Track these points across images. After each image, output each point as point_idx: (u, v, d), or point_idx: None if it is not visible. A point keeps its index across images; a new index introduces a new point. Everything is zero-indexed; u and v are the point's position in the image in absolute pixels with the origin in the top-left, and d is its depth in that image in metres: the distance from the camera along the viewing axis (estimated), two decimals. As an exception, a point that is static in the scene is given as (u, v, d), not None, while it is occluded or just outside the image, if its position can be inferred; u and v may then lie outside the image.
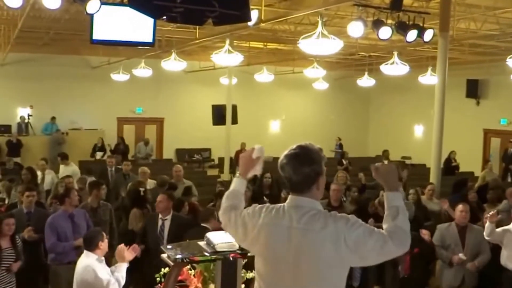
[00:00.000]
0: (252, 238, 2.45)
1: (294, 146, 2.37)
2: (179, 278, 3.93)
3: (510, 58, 9.10)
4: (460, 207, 5.73)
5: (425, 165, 16.97)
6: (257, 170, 2.67)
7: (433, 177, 8.44)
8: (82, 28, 10.38)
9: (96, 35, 6.29)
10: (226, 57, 9.76)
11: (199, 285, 3.82)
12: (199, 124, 18.50)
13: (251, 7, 6.73)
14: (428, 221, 6.99)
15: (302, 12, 7.21)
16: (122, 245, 4.43)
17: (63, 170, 9.15)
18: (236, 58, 10.10)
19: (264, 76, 16.94)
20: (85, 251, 4.49)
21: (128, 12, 5.54)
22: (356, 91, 19.94)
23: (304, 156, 2.33)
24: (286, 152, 2.37)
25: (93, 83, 17.85)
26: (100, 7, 5.66)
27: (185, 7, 4.27)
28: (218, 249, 3.68)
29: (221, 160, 17.18)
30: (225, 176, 15.31)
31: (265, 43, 14.67)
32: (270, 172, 8.70)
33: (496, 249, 5.58)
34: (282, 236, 2.32)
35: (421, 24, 7.65)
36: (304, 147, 2.35)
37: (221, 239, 3.77)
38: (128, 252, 4.34)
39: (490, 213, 5.22)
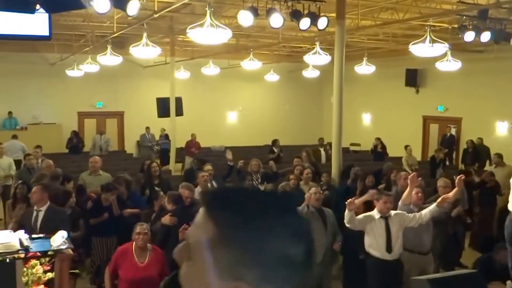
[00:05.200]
0: None
1: None
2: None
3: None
4: (313, 190, 5.35)
5: (369, 151, 16.55)
6: None
7: (335, 160, 7.99)
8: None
9: (-16, 28, 5.73)
10: (143, 50, 9.18)
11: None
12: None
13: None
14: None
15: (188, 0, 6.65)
16: None
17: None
18: (154, 51, 9.51)
19: (210, 69, 16.33)
20: None
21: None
22: (308, 82, 19.38)
23: None
24: None
25: (52, 79, 17.12)
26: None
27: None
28: (-9, 251, 3.19)
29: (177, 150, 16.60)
30: (170, 166, 14.75)
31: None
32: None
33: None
34: None
35: (317, 13, 7.12)
36: None
37: (-2, 240, 3.26)
38: None
39: (348, 201, 4.71)
